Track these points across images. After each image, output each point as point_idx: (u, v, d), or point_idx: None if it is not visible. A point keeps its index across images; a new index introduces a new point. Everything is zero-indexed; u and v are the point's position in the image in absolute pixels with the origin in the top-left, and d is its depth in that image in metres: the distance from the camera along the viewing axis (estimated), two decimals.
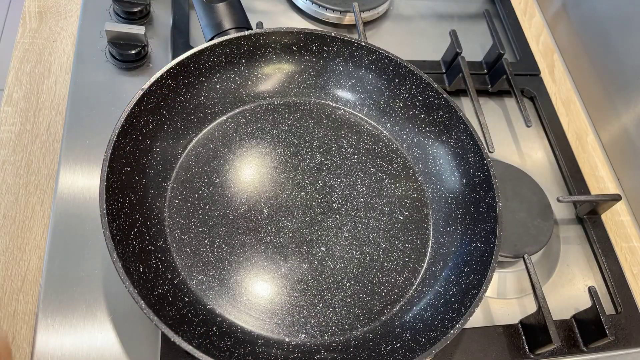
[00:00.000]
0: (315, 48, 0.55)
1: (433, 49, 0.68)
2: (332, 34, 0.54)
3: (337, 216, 0.51)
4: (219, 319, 0.44)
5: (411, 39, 0.71)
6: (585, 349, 0.50)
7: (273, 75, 0.56)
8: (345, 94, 0.57)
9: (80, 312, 0.44)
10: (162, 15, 0.63)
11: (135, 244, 0.43)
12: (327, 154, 0.54)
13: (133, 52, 0.57)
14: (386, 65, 0.55)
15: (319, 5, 0.67)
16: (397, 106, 0.56)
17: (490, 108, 0.67)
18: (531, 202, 0.56)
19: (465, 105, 0.65)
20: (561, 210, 0.60)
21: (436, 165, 0.55)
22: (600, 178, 0.63)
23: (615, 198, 0.57)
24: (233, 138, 0.53)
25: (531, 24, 0.76)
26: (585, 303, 0.50)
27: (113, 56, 0.57)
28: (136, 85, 0.47)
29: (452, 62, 0.64)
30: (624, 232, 0.60)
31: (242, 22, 0.55)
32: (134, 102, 0.45)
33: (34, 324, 0.44)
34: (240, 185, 0.51)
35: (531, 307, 0.52)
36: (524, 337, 0.49)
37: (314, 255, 0.48)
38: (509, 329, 0.50)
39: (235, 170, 0.52)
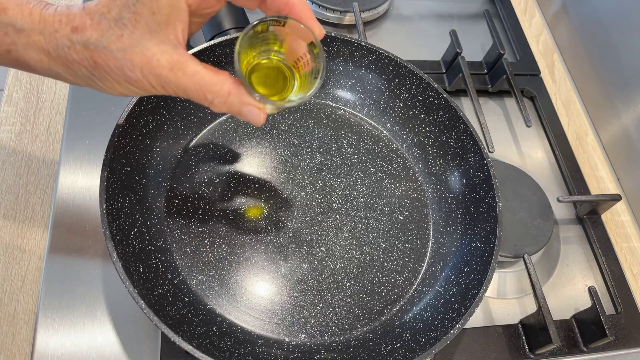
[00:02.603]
0: None
1: (433, 49, 0.68)
2: (332, 34, 0.53)
3: (337, 216, 0.51)
4: (219, 319, 0.44)
5: (411, 39, 0.71)
6: (585, 349, 0.50)
7: None
8: (345, 94, 0.57)
9: (80, 312, 0.44)
10: None
11: (135, 244, 0.43)
12: (327, 154, 0.54)
13: None
14: (386, 65, 0.55)
15: (319, 5, 0.67)
16: (397, 106, 0.56)
17: (490, 108, 0.67)
18: (531, 202, 0.56)
19: (465, 105, 0.65)
20: (561, 210, 0.60)
21: (436, 165, 0.55)
22: (600, 178, 0.63)
23: (615, 198, 0.57)
24: (233, 138, 0.53)
25: (531, 24, 0.76)
26: (585, 303, 0.50)
27: None
28: None
29: (452, 62, 0.64)
30: (624, 232, 0.60)
31: (242, 22, 0.55)
32: (134, 102, 0.45)
33: (34, 324, 0.44)
34: (241, 185, 0.51)
35: (531, 307, 0.52)
36: (524, 337, 0.49)
37: (314, 255, 0.48)
38: (509, 329, 0.50)
39: (235, 170, 0.52)
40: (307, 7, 0.36)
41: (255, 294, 0.46)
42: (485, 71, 0.67)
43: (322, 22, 0.68)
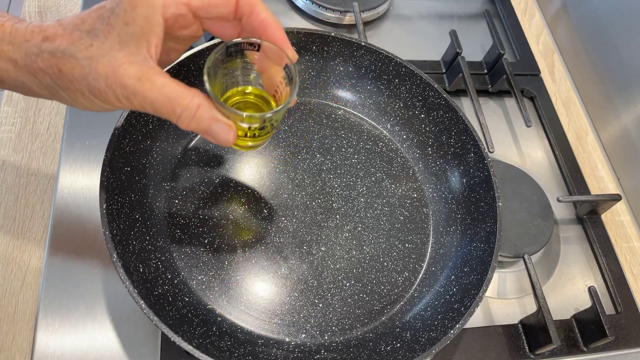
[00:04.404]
0: (315, 48, 0.55)
1: (433, 49, 0.68)
2: (332, 34, 0.54)
3: (337, 216, 0.51)
4: (219, 319, 0.44)
5: (411, 39, 0.71)
6: (585, 349, 0.50)
7: None
8: (345, 94, 0.57)
9: (80, 312, 0.44)
10: None
11: (135, 244, 0.43)
12: (327, 154, 0.54)
13: None
14: (386, 65, 0.55)
15: (319, 5, 0.67)
16: (397, 106, 0.56)
17: (490, 108, 0.67)
18: (531, 202, 0.56)
19: (465, 105, 0.65)
20: (561, 210, 0.60)
21: (436, 165, 0.55)
22: (600, 178, 0.63)
23: (615, 198, 0.57)
24: None
25: (531, 24, 0.76)
26: (585, 303, 0.50)
27: None
28: None
29: (452, 62, 0.64)
30: (624, 232, 0.60)
31: None
32: None
33: (34, 324, 0.44)
34: (240, 186, 0.51)
35: (531, 307, 0.52)
36: (524, 337, 0.49)
37: (314, 255, 0.48)
38: (509, 329, 0.50)
39: (235, 170, 0.52)
40: (280, 29, 0.36)
41: (255, 294, 0.46)
42: (485, 71, 0.67)
43: (322, 22, 0.69)
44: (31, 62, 0.31)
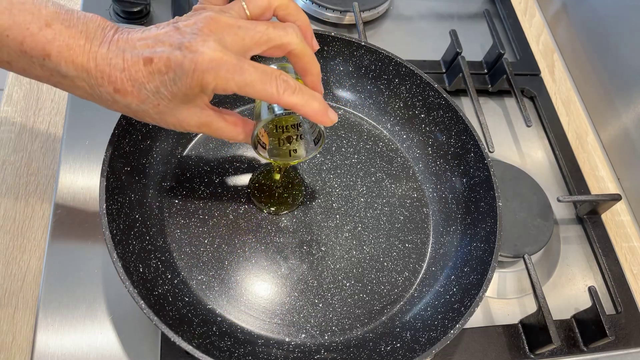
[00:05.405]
0: None
1: (433, 49, 0.68)
2: (332, 33, 0.54)
3: (337, 216, 0.51)
4: (219, 319, 0.44)
5: (411, 39, 0.71)
6: (585, 349, 0.50)
7: None
8: (345, 94, 0.57)
9: (80, 312, 0.44)
10: (162, 15, 0.63)
11: (135, 244, 0.43)
12: (327, 154, 0.54)
13: None
14: (386, 65, 0.55)
15: (319, 5, 0.67)
16: (397, 106, 0.56)
17: (490, 108, 0.67)
18: (531, 202, 0.56)
19: (465, 105, 0.65)
20: (561, 210, 0.60)
21: (436, 165, 0.55)
22: (600, 178, 0.63)
23: (615, 198, 0.57)
24: None
25: (531, 24, 0.76)
26: (585, 303, 0.50)
27: None
28: None
29: (452, 62, 0.64)
30: (624, 232, 0.60)
31: None
32: None
33: (34, 324, 0.44)
34: (240, 185, 0.51)
35: (531, 307, 0.52)
36: (524, 337, 0.49)
37: (314, 255, 0.48)
38: (509, 329, 0.50)
39: (235, 170, 0.52)
40: (319, 82, 0.40)
41: (255, 294, 0.46)
42: (485, 71, 0.67)
43: (322, 22, 0.69)
44: (107, 104, 0.36)
